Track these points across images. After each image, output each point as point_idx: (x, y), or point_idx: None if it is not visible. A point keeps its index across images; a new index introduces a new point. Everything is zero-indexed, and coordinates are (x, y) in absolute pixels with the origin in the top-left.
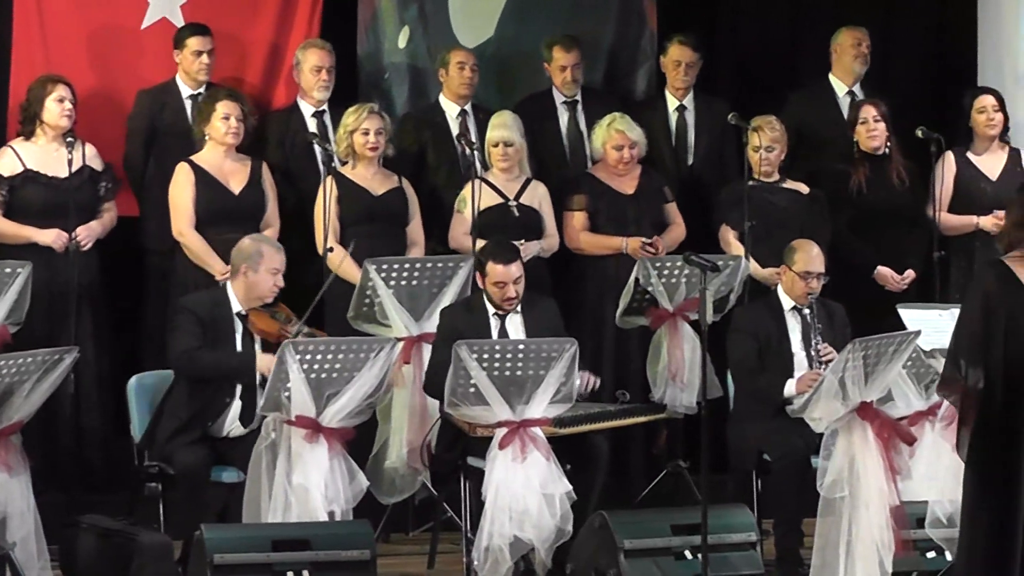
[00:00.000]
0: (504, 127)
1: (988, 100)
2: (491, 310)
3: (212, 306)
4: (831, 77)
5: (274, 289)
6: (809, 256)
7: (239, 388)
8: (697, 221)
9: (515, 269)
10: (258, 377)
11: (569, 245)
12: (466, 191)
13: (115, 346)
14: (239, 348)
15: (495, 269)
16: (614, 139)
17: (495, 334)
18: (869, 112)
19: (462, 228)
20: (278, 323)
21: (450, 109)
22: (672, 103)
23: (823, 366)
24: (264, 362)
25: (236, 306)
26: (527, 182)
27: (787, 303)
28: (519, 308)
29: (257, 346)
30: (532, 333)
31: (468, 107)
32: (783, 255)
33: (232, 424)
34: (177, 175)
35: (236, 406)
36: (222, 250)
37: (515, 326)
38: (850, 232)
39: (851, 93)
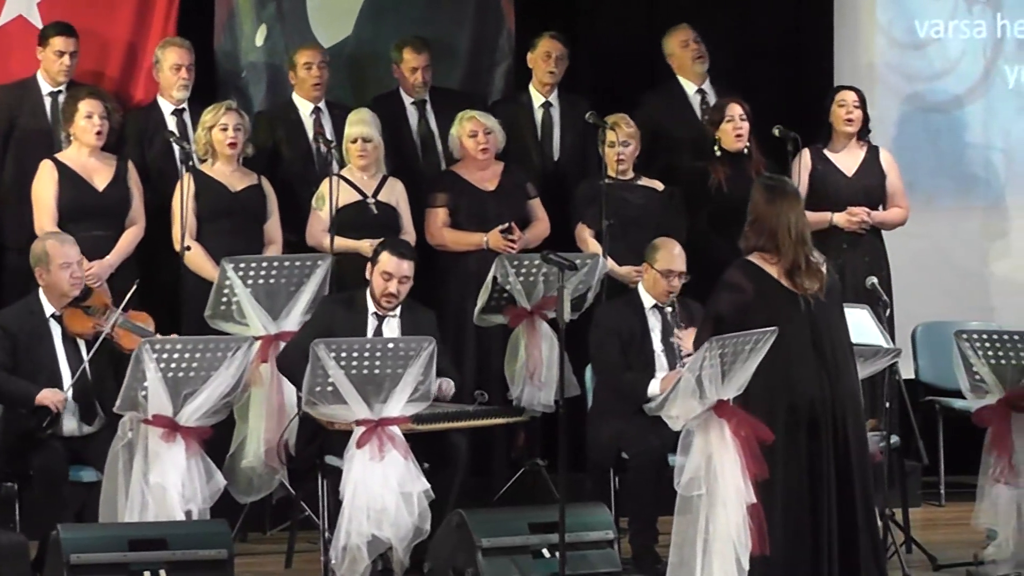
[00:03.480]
0: (363, 123)
1: (849, 96)
2: (372, 309)
3: (26, 315)
4: (679, 78)
5: (73, 282)
6: (671, 255)
7: (69, 391)
8: (562, 218)
9: (406, 267)
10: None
11: (431, 242)
12: (323, 189)
13: None
14: (60, 350)
15: (388, 259)
16: (467, 128)
17: (370, 333)
18: (735, 111)
19: (319, 226)
20: (91, 319)
21: (303, 106)
22: (538, 99)
23: (682, 361)
24: (46, 395)
25: (49, 309)
26: (384, 179)
27: (648, 301)
28: (399, 312)
29: (83, 348)
30: None
31: (322, 104)
32: (645, 253)
33: (75, 425)
34: (41, 172)
35: (72, 407)
36: (86, 248)
37: (392, 329)
38: (709, 228)
39: (701, 91)
